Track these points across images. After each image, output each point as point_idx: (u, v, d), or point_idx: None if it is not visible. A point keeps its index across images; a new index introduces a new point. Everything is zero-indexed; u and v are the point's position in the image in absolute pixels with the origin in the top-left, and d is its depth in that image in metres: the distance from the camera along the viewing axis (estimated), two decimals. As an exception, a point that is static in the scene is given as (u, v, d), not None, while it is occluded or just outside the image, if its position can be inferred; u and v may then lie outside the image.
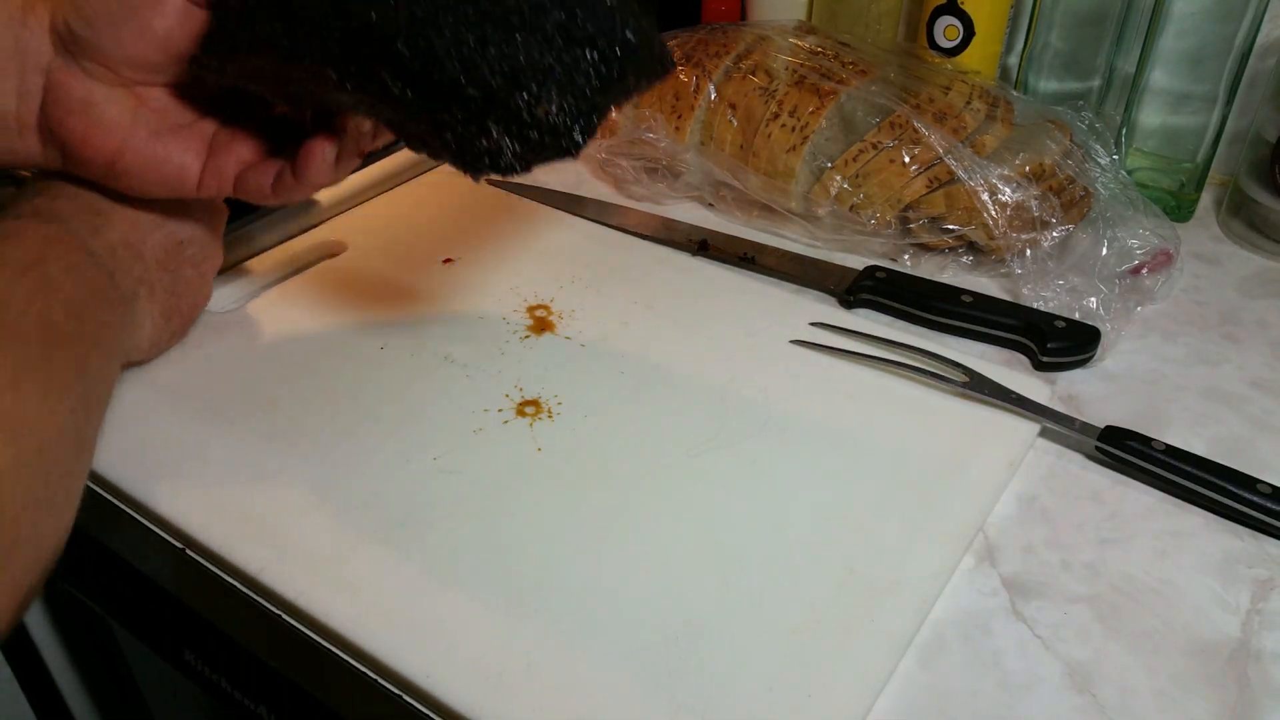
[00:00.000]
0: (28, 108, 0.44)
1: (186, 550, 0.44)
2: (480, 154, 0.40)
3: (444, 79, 0.38)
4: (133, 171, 0.45)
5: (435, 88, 0.38)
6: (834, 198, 0.62)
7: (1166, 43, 0.63)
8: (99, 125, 0.44)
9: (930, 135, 0.60)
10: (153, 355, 0.52)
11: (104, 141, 0.44)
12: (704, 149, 0.66)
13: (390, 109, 0.40)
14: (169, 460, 0.47)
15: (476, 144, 0.40)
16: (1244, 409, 0.52)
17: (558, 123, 0.40)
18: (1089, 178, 0.61)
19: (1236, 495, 0.45)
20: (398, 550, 0.43)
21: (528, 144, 0.40)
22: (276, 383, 0.52)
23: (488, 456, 0.47)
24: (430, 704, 0.37)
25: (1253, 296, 0.61)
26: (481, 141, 0.40)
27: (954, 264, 0.62)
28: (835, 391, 0.52)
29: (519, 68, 0.38)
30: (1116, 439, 0.47)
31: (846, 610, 0.40)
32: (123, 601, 0.60)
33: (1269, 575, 0.43)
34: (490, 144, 0.40)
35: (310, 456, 0.47)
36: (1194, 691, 0.38)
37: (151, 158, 0.45)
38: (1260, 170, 0.64)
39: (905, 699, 0.38)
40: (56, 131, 0.44)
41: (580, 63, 0.39)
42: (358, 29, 0.38)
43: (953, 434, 0.49)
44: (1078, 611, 0.42)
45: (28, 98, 0.43)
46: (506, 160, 0.40)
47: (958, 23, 0.68)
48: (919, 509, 0.45)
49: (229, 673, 0.55)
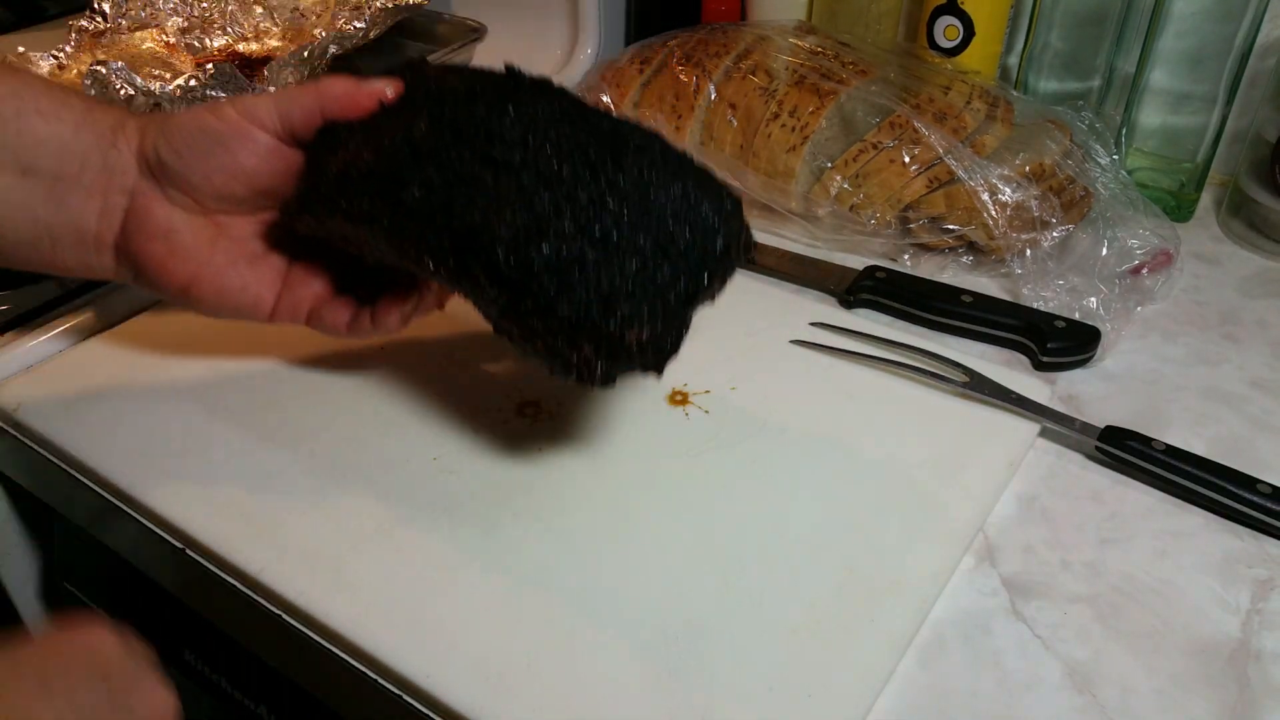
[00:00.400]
0: (108, 227, 0.44)
1: (186, 550, 0.44)
2: (568, 365, 0.40)
3: (540, 294, 0.37)
4: (206, 298, 0.45)
5: (530, 299, 0.37)
6: (834, 198, 0.62)
7: (1166, 43, 0.63)
8: (178, 252, 0.44)
9: (930, 135, 0.60)
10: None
11: (181, 268, 0.44)
12: (704, 149, 0.66)
13: (483, 303, 0.40)
14: (169, 460, 0.47)
15: (565, 356, 0.39)
16: (1244, 409, 0.52)
17: (648, 344, 0.39)
18: (1089, 178, 0.61)
19: (1236, 495, 0.45)
20: (398, 550, 0.43)
21: (616, 362, 0.39)
22: (277, 383, 0.52)
23: (488, 457, 0.47)
24: (430, 704, 0.37)
25: (1253, 296, 0.61)
26: (571, 355, 0.39)
27: (954, 264, 0.62)
28: (835, 391, 0.52)
29: (615, 291, 0.37)
30: (1116, 439, 0.47)
31: (846, 610, 0.40)
32: (123, 601, 0.60)
33: (1269, 575, 0.43)
34: (580, 359, 0.39)
35: (310, 456, 0.47)
36: (1194, 691, 0.38)
37: (227, 287, 0.45)
38: (1260, 170, 0.64)
39: (905, 699, 0.38)
40: (135, 254, 0.44)
41: (675, 283, 0.39)
42: (460, 229, 0.38)
43: (953, 434, 0.49)
44: (1078, 611, 0.42)
45: (109, 218, 0.44)
46: (593, 375, 0.40)
47: (958, 23, 0.68)
48: (919, 509, 0.45)
49: (229, 673, 0.55)
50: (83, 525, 0.55)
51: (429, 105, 0.40)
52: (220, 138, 0.43)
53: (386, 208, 0.39)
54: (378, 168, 0.39)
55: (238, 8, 0.84)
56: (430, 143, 0.39)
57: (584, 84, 0.72)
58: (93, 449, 0.48)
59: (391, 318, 0.47)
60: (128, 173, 0.43)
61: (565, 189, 0.38)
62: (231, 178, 0.44)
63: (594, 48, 0.84)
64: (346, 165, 0.40)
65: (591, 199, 0.38)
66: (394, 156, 0.39)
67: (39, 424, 0.50)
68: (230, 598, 0.43)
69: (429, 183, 0.38)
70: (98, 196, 0.43)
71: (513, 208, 0.37)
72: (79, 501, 0.51)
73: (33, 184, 0.42)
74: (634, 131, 0.41)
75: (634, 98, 0.69)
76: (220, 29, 0.84)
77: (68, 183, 0.43)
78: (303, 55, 0.70)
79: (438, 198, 0.38)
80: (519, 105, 0.40)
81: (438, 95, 0.41)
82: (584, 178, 0.38)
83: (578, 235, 0.37)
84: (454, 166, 0.38)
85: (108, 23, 0.81)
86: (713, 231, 0.40)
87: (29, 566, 0.64)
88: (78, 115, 0.43)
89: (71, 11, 0.84)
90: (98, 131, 0.43)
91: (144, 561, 0.52)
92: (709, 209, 0.40)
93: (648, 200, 0.38)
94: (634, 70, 0.70)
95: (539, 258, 0.37)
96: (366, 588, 0.41)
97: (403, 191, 0.38)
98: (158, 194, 0.44)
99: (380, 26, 0.77)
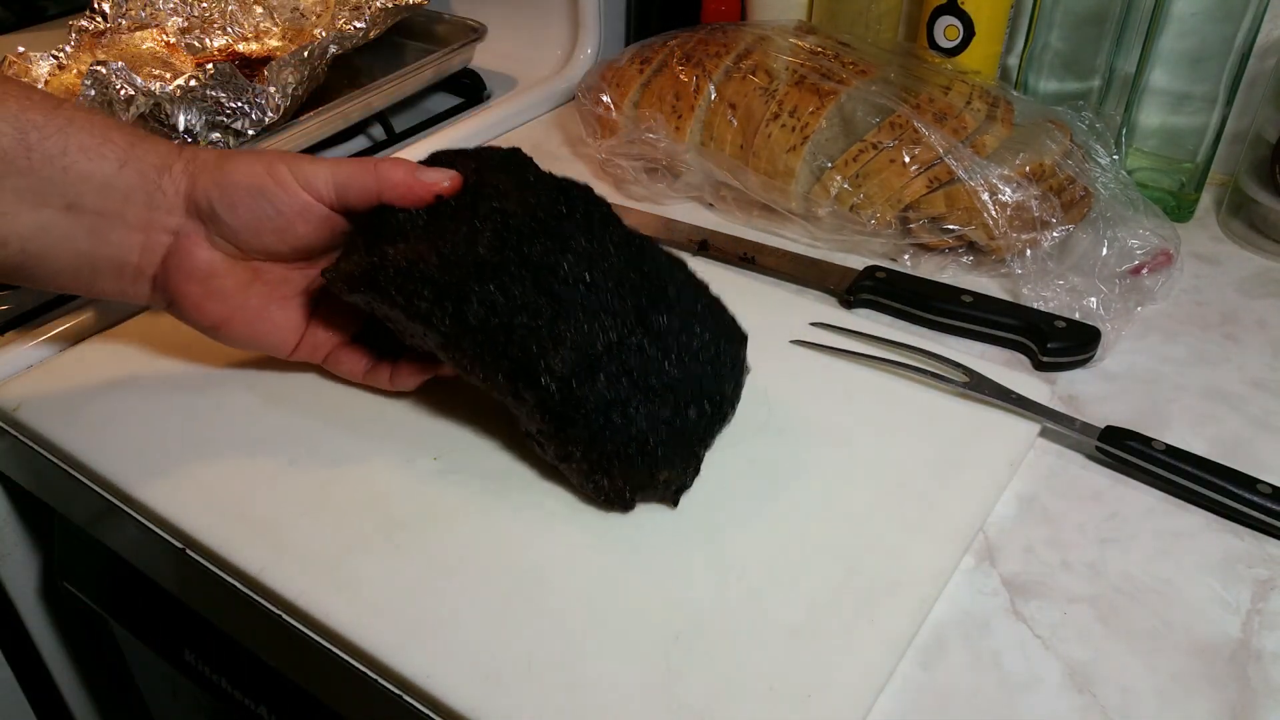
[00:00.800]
0: (149, 262, 0.45)
1: (186, 550, 0.44)
2: (598, 489, 0.43)
3: (583, 427, 0.41)
4: (236, 337, 0.48)
5: (573, 430, 0.41)
6: (834, 198, 0.62)
7: (1166, 43, 0.63)
8: (214, 295, 0.46)
9: (930, 135, 0.60)
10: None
11: (216, 309, 0.46)
12: (704, 149, 0.66)
13: (523, 418, 0.43)
14: (169, 460, 0.47)
15: (597, 482, 0.43)
16: (1244, 409, 0.52)
17: (671, 477, 0.43)
18: (1089, 178, 0.61)
19: (1236, 495, 0.45)
20: (398, 550, 0.43)
21: (643, 493, 0.43)
22: (277, 383, 0.52)
23: (488, 457, 0.47)
24: (430, 704, 0.37)
25: (1253, 296, 0.61)
26: (603, 481, 0.42)
27: (954, 264, 0.62)
28: (835, 391, 0.52)
29: (653, 434, 0.41)
30: (1117, 439, 0.47)
31: (846, 610, 0.40)
32: (123, 601, 0.60)
33: (1269, 575, 0.43)
34: (611, 487, 0.43)
35: (310, 456, 0.47)
36: (1194, 691, 0.38)
37: (256, 327, 0.48)
38: (1260, 170, 0.64)
39: (905, 699, 0.38)
40: (173, 292, 0.46)
41: (698, 425, 0.43)
42: (516, 356, 0.41)
43: (953, 434, 0.49)
44: (1078, 611, 0.41)
45: (151, 254, 0.45)
46: (621, 501, 0.43)
47: (958, 23, 0.68)
48: (919, 509, 0.45)
49: (229, 673, 0.55)
50: (83, 525, 0.55)
51: (493, 219, 0.43)
52: (276, 204, 0.44)
53: (446, 316, 0.41)
54: (441, 276, 0.42)
55: (238, 8, 0.84)
56: (495, 263, 0.42)
57: (584, 84, 0.72)
58: (93, 449, 0.48)
59: (407, 381, 0.49)
60: (173, 212, 0.44)
61: (616, 333, 0.41)
62: (280, 240, 0.45)
63: (594, 48, 0.84)
64: (410, 264, 0.42)
65: (639, 345, 0.41)
66: (459, 268, 0.42)
67: (39, 424, 0.50)
68: (230, 598, 0.43)
69: (492, 303, 0.41)
70: (140, 233, 0.44)
71: (568, 346, 0.41)
72: (79, 501, 0.51)
73: (76, 219, 0.43)
74: (670, 269, 0.45)
75: (634, 98, 0.69)
76: (220, 29, 0.84)
77: (111, 219, 0.43)
78: (303, 55, 0.70)
79: (498, 320, 0.41)
80: (578, 239, 0.43)
81: (500, 209, 0.43)
82: (631, 322, 0.42)
83: (622, 377, 0.41)
84: (516, 292, 0.41)
85: (108, 23, 0.81)
86: (732, 376, 0.45)
87: (29, 566, 0.64)
88: (120, 152, 0.43)
89: (71, 11, 0.84)
90: (142, 170, 0.44)
91: (144, 561, 0.52)
92: (728, 355, 0.44)
93: (683, 348, 0.42)
94: (634, 70, 0.70)
95: (591, 394, 0.40)
96: (366, 588, 0.41)
97: (465, 306, 0.41)
98: (201, 237, 0.45)
99: (380, 26, 0.77)
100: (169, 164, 0.44)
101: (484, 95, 0.84)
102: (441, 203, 0.44)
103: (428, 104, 0.83)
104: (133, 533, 0.47)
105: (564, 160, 0.76)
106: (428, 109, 0.82)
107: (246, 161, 0.45)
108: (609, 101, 0.69)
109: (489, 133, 0.79)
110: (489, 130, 0.79)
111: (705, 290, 0.46)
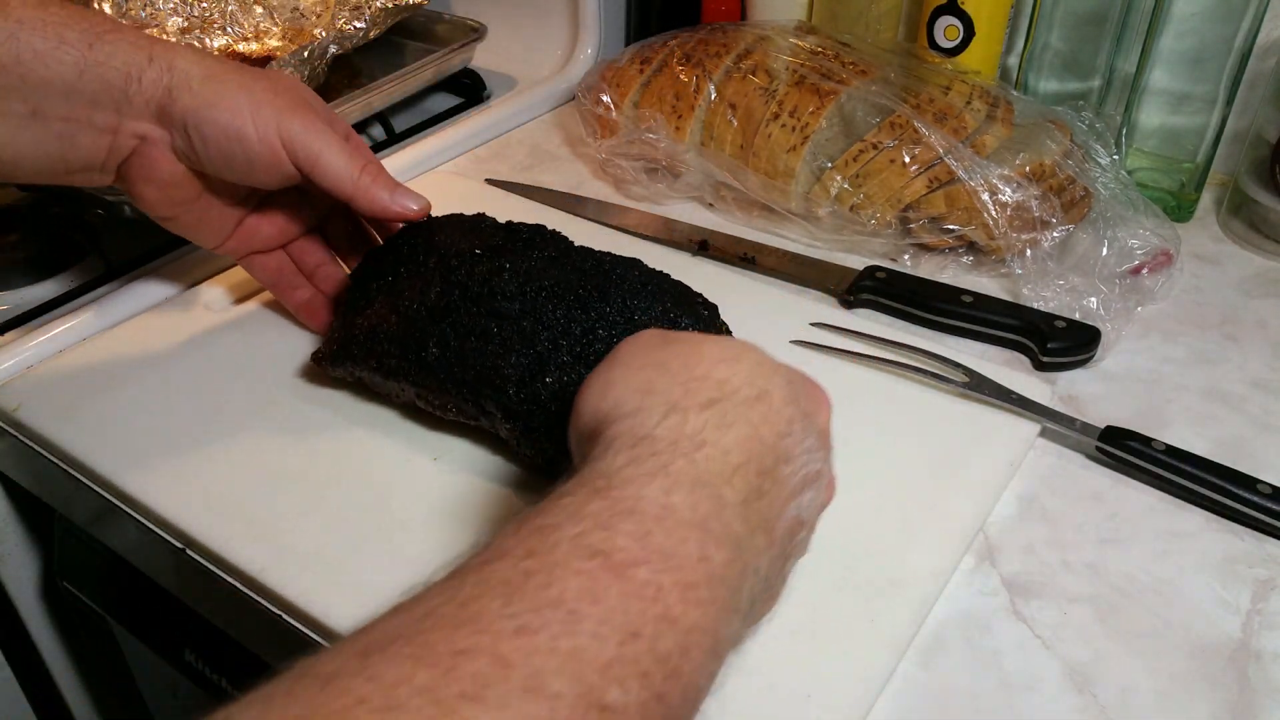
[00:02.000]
0: (114, 159, 0.47)
1: (186, 550, 0.44)
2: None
3: (547, 418, 0.43)
4: (174, 228, 0.51)
5: (540, 424, 0.43)
6: (834, 198, 0.62)
7: (1166, 43, 0.63)
8: (167, 198, 0.48)
9: (930, 135, 0.60)
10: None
11: (166, 209, 0.49)
12: (704, 149, 0.66)
13: (503, 433, 0.45)
14: (169, 460, 0.47)
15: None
16: (1244, 409, 0.52)
17: None
18: (1089, 178, 0.61)
19: (1236, 495, 0.45)
20: (398, 550, 0.43)
21: None
22: (277, 383, 0.52)
23: (487, 457, 0.47)
24: (430, 704, 0.37)
25: (1253, 296, 0.61)
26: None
27: (954, 264, 0.62)
28: (835, 391, 0.52)
29: None
30: (1117, 439, 0.47)
31: (846, 610, 0.40)
32: (123, 601, 0.60)
33: (1269, 575, 0.43)
34: None
35: (310, 457, 0.47)
36: (1194, 691, 0.38)
37: (196, 226, 0.51)
38: (1260, 170, 0.64)
39: (905, 699, 0.38)
40: (129, 185, 0.48)
41: None
42: (474, 375, 0.44)
43: (953, 434, 0.49)
44: (1078, 611, 0.41)
45: (117, 153, 0.46)
46: None
47: (958, 23, 0.68)
48: (919, 509, 0.45)
49: (229, 673, 0.55)
50: (83, 525, 0.55)
51: (440, 269, 0.46)
52: (249, 153, 0.46)
53: (410, 365, 0.45)
54: (399, 331, 0.45)
55: (238, 8, 0.84)
56: (443, 306, 0.45)
57: (584, 84, 0.72)
58: (93, 449, 0.48)
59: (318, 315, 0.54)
60: (141, 118, 0.45)
61: (561, 326, 0.43)
62: (240, 176, 0.48)
63: (594, 48, 0.84)
64: (374, 328, 0.46)
65: (584, 330, 0.43)
66: (416, 321, 0.45)
67: (39, 424, 0.50)
68: (230, 598, 0.43)
69: (444, 340, 0.44)
70: (108, 135, 0.45)
71: (516, 351, 0.43)
72: (79, 501, 0.51)
73: (44, 125, 0.44)
74: (614, 264, 0.46)
75: (634, 98, 0.69)
76: (220, 29, 0.84)
77: (79, 124, 0.45)
78: (303, 55, 0.70)
79: (453, 352, 0.44)
80: (514, 260, 0.46)
81: (445, 258, 0.47)
82: (575, 314, 0.44)
83: (575, 364, 0.43)
84: (464, 322, 0.44)
85: (108, 23, 0.80)
86: None
87: (29, 566, 0.64)
88: (78, 55, 0.43)
89: (71, 11, 0.84)
90: (104, 76, 0.44)
91: (144, 561, 0.52)
92: (687, 324, 0.45)
93: (634, 323, 0.43)
94: (634, 70, 0.70)
95: (544, 389, 0.42)
96: (366, 588, 0.41)
97: (423, 351, 0.44)
98: (166, 147, 0.46)
99: (380, 26, 0.77)
100: (137, 73, 0.44)
101: (484, 95, 0.84)
102: (401, 265, 0.48)
103: (428, 104, 0.83)
104: (133, 533, 0.47)
105: (564, 160, 0.76)
106: (428, 109, 0.82)
107: (233, 98, 0.45)
108: (609, 101, 0.69)
109: (489, 133, 0.78)
110: (489, 130, 0.78)
111: (660, 276, 0.47)
